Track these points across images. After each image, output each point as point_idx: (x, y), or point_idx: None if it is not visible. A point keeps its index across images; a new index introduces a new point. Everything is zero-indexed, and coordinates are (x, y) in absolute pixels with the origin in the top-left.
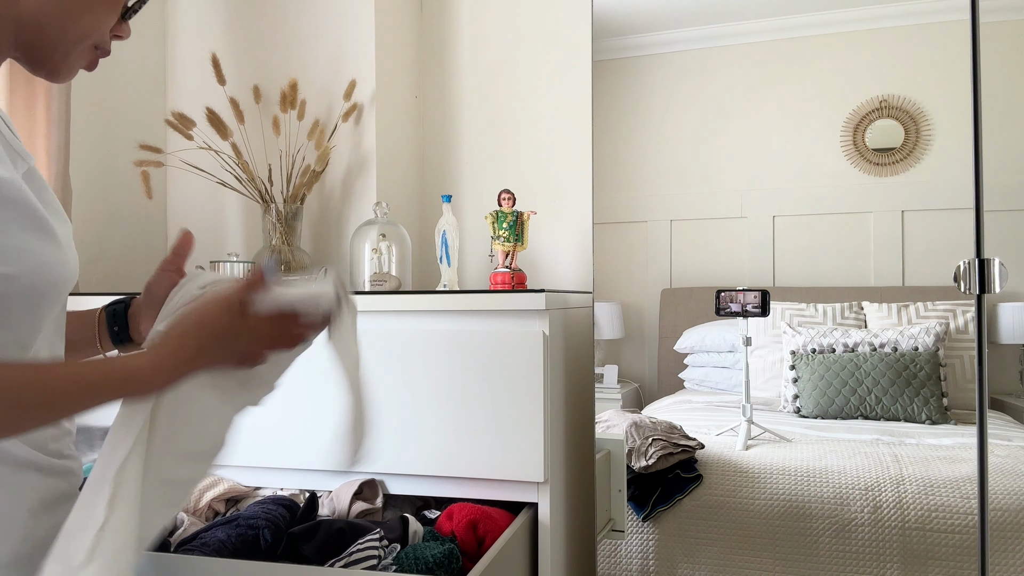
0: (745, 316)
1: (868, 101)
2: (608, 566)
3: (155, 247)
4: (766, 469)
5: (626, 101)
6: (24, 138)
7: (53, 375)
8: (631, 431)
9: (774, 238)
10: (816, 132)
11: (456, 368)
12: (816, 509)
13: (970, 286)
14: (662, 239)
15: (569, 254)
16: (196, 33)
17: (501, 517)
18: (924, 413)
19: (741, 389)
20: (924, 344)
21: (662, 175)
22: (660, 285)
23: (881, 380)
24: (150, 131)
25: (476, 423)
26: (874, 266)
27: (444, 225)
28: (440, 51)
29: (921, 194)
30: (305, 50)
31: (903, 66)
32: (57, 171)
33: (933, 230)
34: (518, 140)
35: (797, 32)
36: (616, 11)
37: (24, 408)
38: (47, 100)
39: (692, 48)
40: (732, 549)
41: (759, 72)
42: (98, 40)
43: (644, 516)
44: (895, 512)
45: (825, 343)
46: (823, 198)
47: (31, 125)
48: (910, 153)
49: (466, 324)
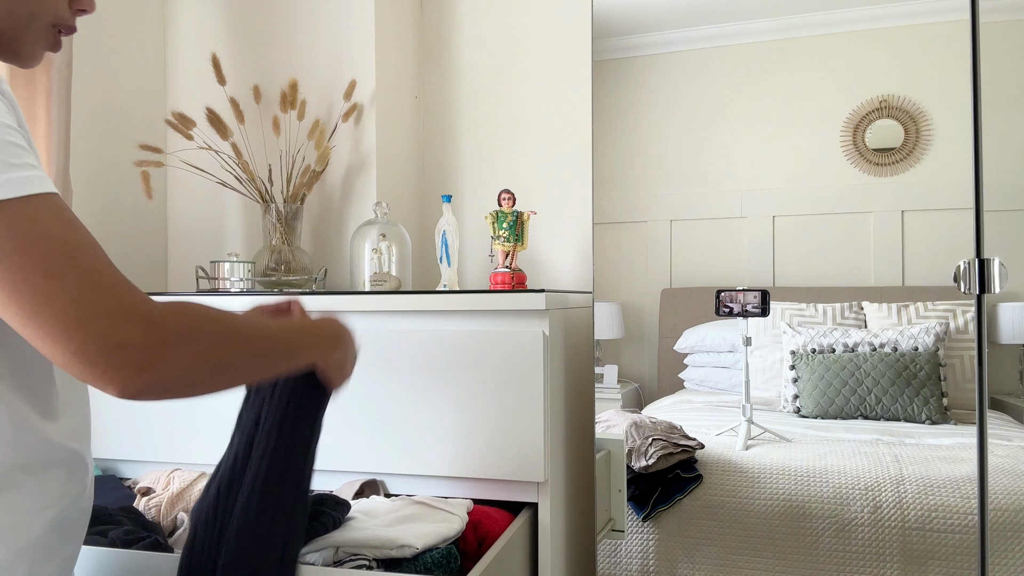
0: (745, 316)
1: (868, 101)
2: (608, 566)
3: (155, 247)
4: (766, 469)
5: (626, 101)
6: None
7: (264, 326)
8: (631, 431)
9: (774, 238)
10: (816, 132)
11: (456, 368)
12: (816, 509)
13: (970, 286)
14: (662, 239)
15: (569, 254)
16: (196, 33)
17: (501, 517)
18: (924, 413)
19: (741, 389)
20: (924, 344)
21: (662, 175)
22: (660, 285)
23: (881, 380)
24: (150, 131)
25: (476, 423)
26: (874, 266)
27: (444, 225)
28: (440, 51)
29: (921, 194)
30: (305, 50)
31: (903, 66)
32: (57, 171)
33: (933, 230)
34: (518, 140)
35: (797, 32)
36: (616, 11)
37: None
38: (47, 100)
39: (692, 48)
40: (732, 549)
41: (759, 72)
42: (55, 19)
43: (644, 516)
44: (895, 512)
45: (825, 343)
46: (823, 198)
47: (31, 125)
48: (910, 153)
49: (466, 324)
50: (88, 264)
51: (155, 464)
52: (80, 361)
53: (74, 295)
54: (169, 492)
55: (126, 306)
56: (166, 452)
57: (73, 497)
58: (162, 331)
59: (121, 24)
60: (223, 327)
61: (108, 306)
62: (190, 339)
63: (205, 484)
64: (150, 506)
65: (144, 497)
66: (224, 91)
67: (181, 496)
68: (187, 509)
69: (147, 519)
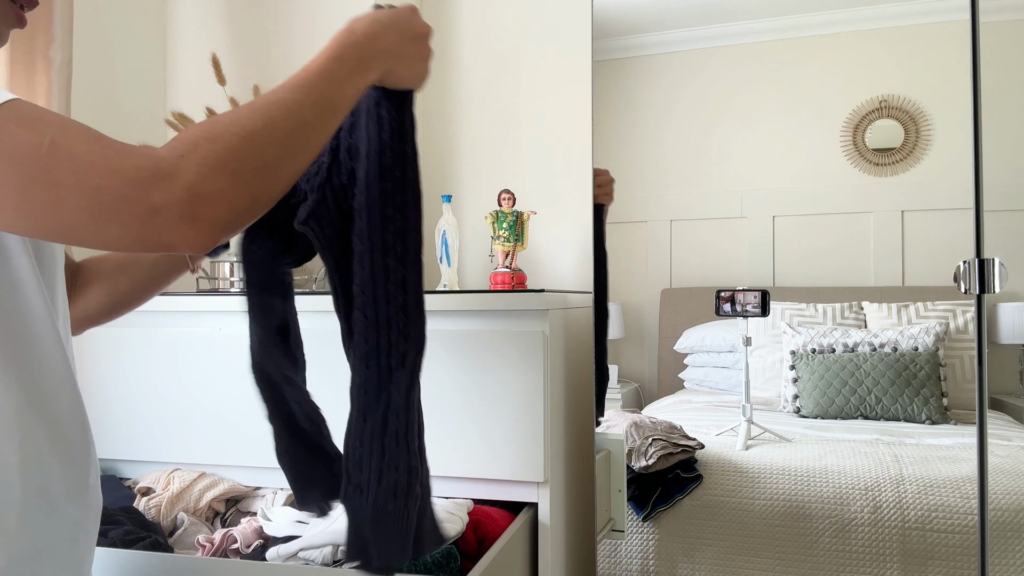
0: (745, 316)
1: (868, 101)
2: (608, 566)
3: None
4: (766, 469)
5: (626, 101)
6: None
7: (270, 97)
8: (631, 431)
9: (774, 238)
10: (816, 132)
11: (456, 368)
12: (816, 509)
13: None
14: (662, 239)
15: (569, 254)
16: (196, 33)
17: (501, 517)
18: (924, 413)
19: (741, 389)
20: (924, 344)
21: (662, 175)
22: (660, 285)
23: (881, 380)
24: (150, 131)
25: (476, 423)
26: (874, 266)
27: (444, 225)
28: (440, 51)
29: (921, 194)
30: (305, 50)
31: (903, 66)
32: None
33: (933, 230)
34: (518, 140)
35: (797, 32)
36: (616, 11)
37: (284, 134)
38: (47, 100)
39: (692, 48)
40: (732, 549)
41: (759, 72)
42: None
43: (644, 516)
44: (895, 512)
45: (825, 343)
46: (823, 198)
47: None
48: (910, 153)
49: (466, 324)
50: (74, 156)
51: (155, 464)
52: (137, 247)
53: (80, 194)
54: (169, 492)
55: (132, 178)
56: (166, 452)
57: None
58: (184, 176)
59: (121, 24)
60: (235, 125)
61: (116, 188)
62: (214, 163)
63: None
64: (150, 506)
65: (144, 497)
66: (224, 91)
67: (181, 496)
68: (187, 509)
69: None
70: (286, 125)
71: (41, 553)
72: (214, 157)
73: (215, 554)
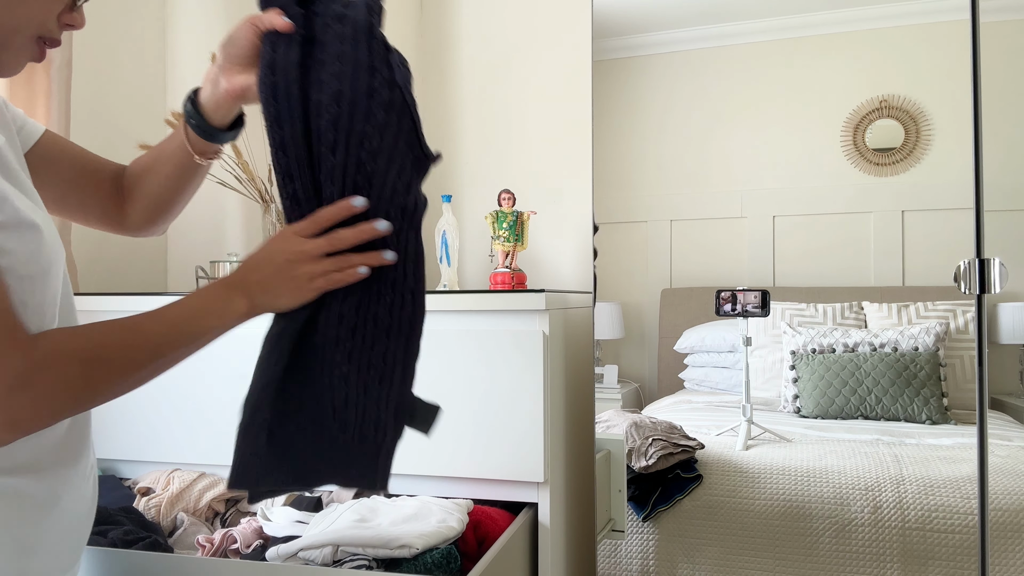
0: (745, 316)
1: (868, 101)
2: (608, 566)
3: (155, 247)
4: (766, 469)
5: (626, 101)
6: None
7: (143, 324)
8: (631, 431)
9: (774, 238)
10: (816, 132)
11: (456, 368)
12: (816, 509)
13: (970, 286)
14: (662, 239)
15: (569, 254)
16: (196, 33)
17: (501, 517)
18: (924, 413)
19: (741, 389)
20: (924, 344)
21: (662, 175)
22: (660, 285)
23: (881, 380)
24: (150, 131)
25: (476, 423)
26: (874, 266)
27: (444, 225)
28: (440, 51)
29: (921, 194)
30: None
31: (903, 66)
32: None
33: (933, 230)
34: (518, 140)
35: (797, 32)
36: (616, 11)
37: (131, 364)
38: (47, 100)
39: (692, 48)
40: (732, 549)
41: (759, 72)
42: (41, 31)
43: (644, 516)
44: (895, 512)
45: (825, 343)
46: (823, 198)
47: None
48: (910, 153)
49: (466, 324)
50: None
51: (155, 464)
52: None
53: None
54: (169, 492)
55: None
56: (166, 452)
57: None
58: (36, 389)
59: (121, 24)
60: (102, 349)
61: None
62: (64, 386)
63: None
64: (150, 506)
65: (144, 497)
66: None
67: (181, 496)
68: (187, 509)
69: (147, 519)
70: (143, 359)
71: (35, 549)
72: (69, 380)
73: (215, 554)
